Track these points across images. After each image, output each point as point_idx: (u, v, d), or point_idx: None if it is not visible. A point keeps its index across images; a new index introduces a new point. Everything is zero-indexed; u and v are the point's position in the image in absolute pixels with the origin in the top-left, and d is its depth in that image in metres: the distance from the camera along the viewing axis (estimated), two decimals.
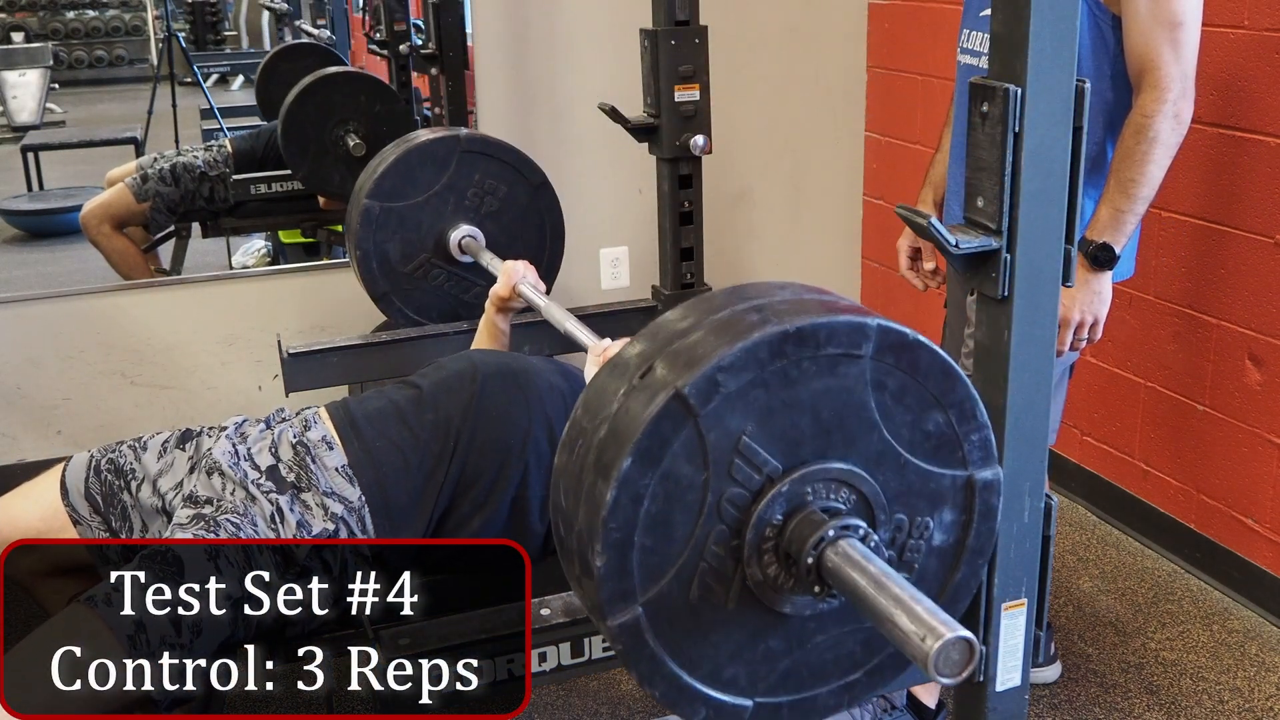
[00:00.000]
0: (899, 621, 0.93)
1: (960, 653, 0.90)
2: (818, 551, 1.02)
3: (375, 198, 2.33)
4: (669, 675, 1.05)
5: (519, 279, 2.07)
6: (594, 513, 0.99)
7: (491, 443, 1.68)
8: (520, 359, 1.89)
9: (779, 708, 1.12)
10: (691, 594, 1.04)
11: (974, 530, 1.15)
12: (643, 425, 0.97)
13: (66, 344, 3.19)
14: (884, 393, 1.05)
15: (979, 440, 1.12)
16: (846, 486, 1.06)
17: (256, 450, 1.70)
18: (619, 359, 1.07)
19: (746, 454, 1.02)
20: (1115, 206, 1.88)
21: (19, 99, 3.74)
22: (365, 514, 1.62)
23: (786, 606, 1.08)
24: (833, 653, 1.13)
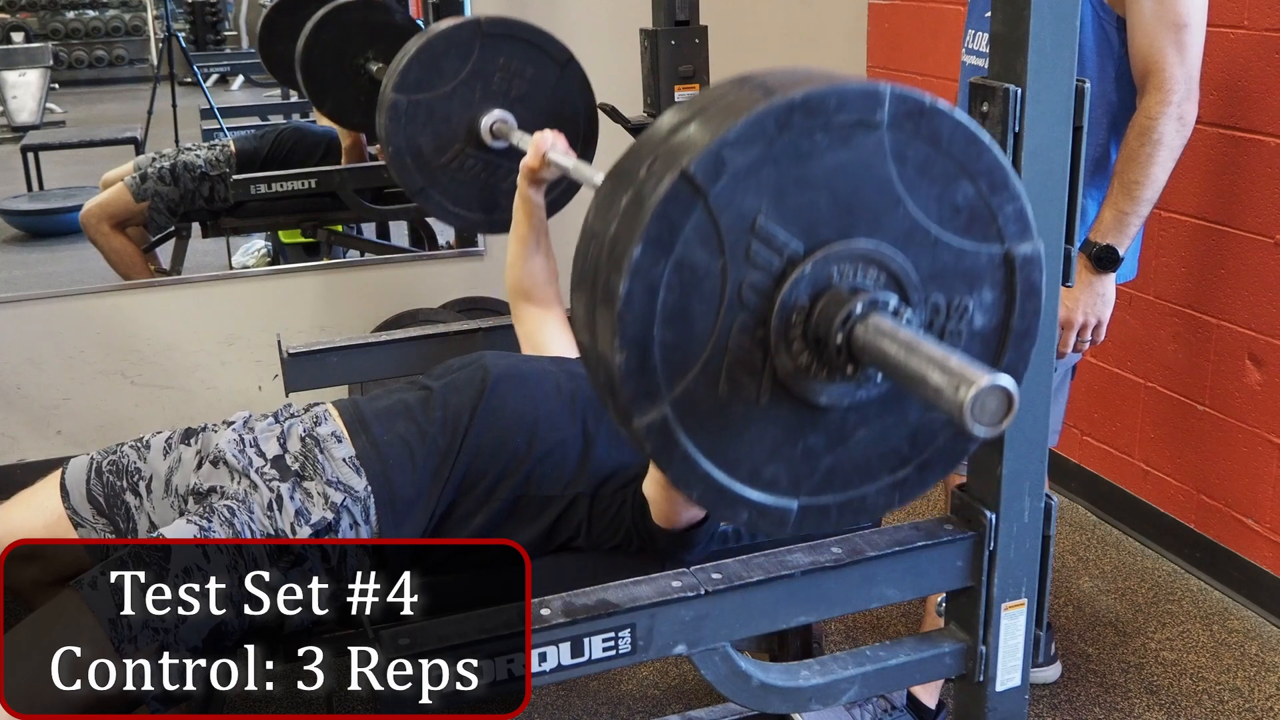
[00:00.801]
0: (931, 378, 0.87)
1: (997, 401, 0.84)
2: (847, 328, 0.96)
3: (402, 91, 2.28)
4: (704, 476, 1.01)
5: (548, 147, 2.04)
6: (610, 308, 0.95)
7: (497, 442, 1.69)
8: (529, 361, 1.89)
9: (827, 508, 1.08)
10: (720, 390, 0.99)
11: (1018, 310, 1.07)
12: (650, 210, 0.93)
13: (66, 344, 3.20)
14: (906, 165, 0.99)
15: (1014, 212, 1.04)
16: (874, 265, 1.00)
17: (264, 440, 1.70)
18: (622, 161, 1.02)
19: (764, 236, 0.97)
20: (1119, 208, 1.88)
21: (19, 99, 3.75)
22: (370, 504, 1.63)
23: (822, 398, 1.02)
24: (878, 448, 1.08)
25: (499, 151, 2.35)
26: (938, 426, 1.09)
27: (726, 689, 1.36)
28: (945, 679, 1.65)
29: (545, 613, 1.28)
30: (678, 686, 2.38)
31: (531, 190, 2.08)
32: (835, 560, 1.35)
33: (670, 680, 2.40)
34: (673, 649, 1.32)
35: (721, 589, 1.31)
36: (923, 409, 1.07)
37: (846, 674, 1.39)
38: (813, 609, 1.37)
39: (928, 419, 1.08)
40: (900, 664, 1.42)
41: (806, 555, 1.36)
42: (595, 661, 1.30)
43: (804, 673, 1.39)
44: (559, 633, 1.27)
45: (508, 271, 2.11)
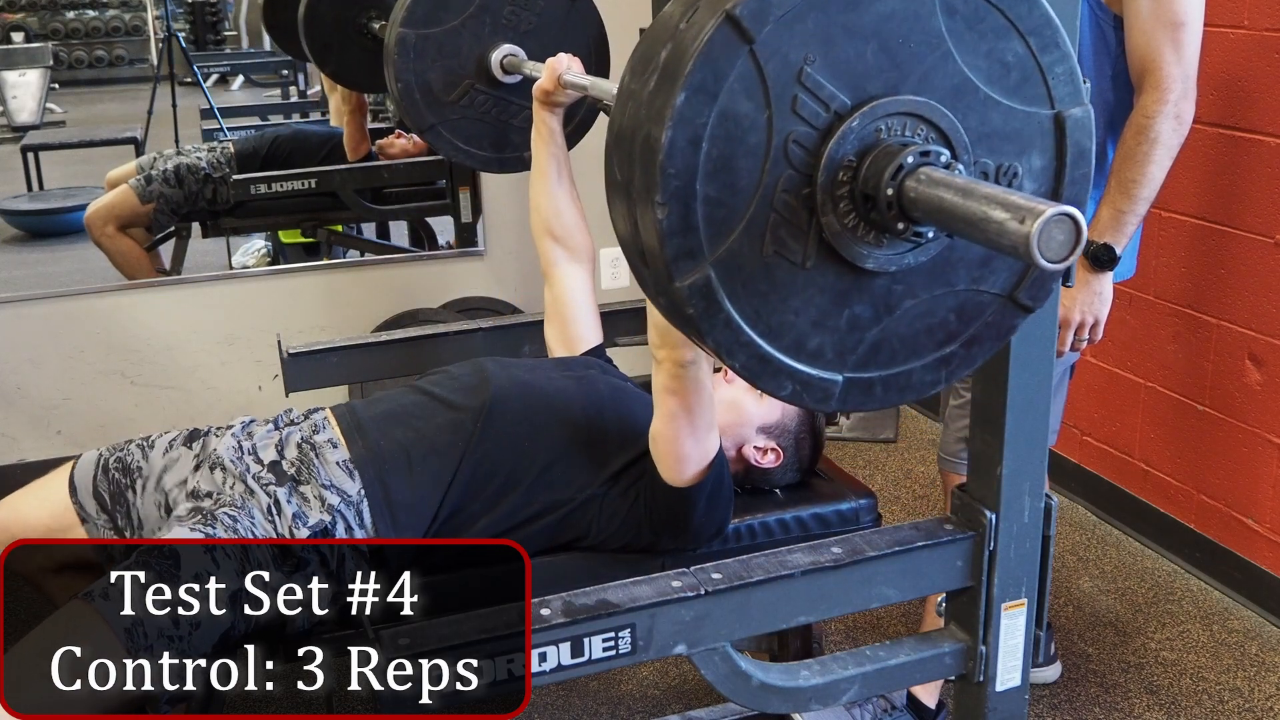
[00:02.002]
0: (993, 215, 0.84)
1: (1065, 231, 0.81)
2: (897, 182, 0.93)
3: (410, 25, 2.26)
4: (748, 343, 0.98)
5: (563, 69, 1.99)
6: (651, 161, 0.92)
7: (504, 448, 1.69)
8: (531, 365, 1.88)
9: (871, 383, 1.04)
10: (765, 250, 0.96)
11: (1068, 176, 1.04)
12: (695, 54, 0.90)
13: (66, 344, 3.20)
14: (955, 17, 0.96)
15: (1064, 72, 1.01)
16: (924, 122, 0.96)
17: (262, 446, 1.70)
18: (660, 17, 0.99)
19: (810, 87, 0.93)
20: (1116, 207, 1.88)
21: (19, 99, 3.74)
22: (364, 508, 1.63)
23: (870, 262, 0.99)
24: (925, 321, 1.05)
25: (510, 88, 2.32)
26: (986, 300, 1.06)
27: (726, 689, 1.36)
28: (945, 679, 1.65)
29: (545, 613, 1.28)
30: (678, 686, 2.38)
31: (548, 115, 2.04)
32: (835, 560, 1.35)
33: (670, 680, 2.40)
34: (673, 649, 1.32)
35: (721, 589, 1.31)
36: (971, 280, 1.04)
37: (846, 674, 1.39)
38: (813, 609, 1.37)
39: (975, 294, 1.05)
40: (900, 664, 1.42)
41: (806, 555, 1.36)
42: (595, 661, 1.30)
43: (804, 673, 1.39)
44: (559, 633, 1.27)
45: (533, 213, 2.06)
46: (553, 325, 2.03)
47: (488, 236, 3.49)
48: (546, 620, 1.27)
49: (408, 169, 3.52)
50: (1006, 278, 1.06)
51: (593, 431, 1.72)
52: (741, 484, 1.88)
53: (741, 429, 1.84)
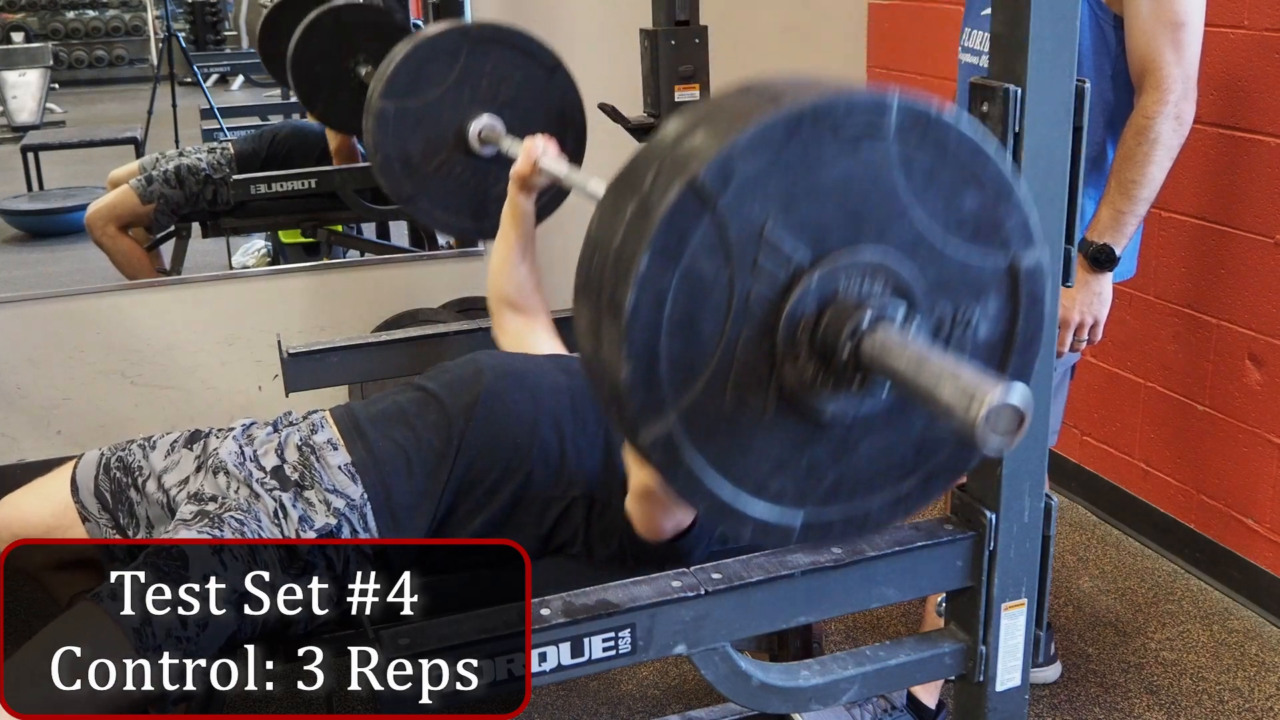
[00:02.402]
0: (943, 394, 0.87)
1: (1010, 416, 0.84)
2: (855, 340, 0.96)
3: (389, 97, 2.28)
4: (710, 490, 1.00)
5: (539, 153, 2.03)
6: (616, 320, 0.94)
7: (496, 442, 1.68)
8: (525, 360, 1.88)
9: (830, 522, 1.07)
10: (727, 402, 0.99)
11: (1022, 320, 1.07)
12: (659, 219, 0.92)
13: (66, 344, 3.20)
14: (912, 174, 0.99)
15: (1019, 223, 1.04)
16: (881, 275, 0.98)
17: (262, 452, 1.70)
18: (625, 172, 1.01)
19: (771, 244, 0.96)
20: (1116, 208, 1.88)
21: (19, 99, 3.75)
22: (367, 511, 1.63)
23: (828, 410, 1.01)
24: (882, 460, 1.07)
25: (488, 157, 2.35)
26: (942, 437, 1.08)
27: (726, 689, 1.36)
28: (945, 679, 1.65)
29: (545, 613, 1.28)
30: (678, 686, 2.38)
31: (521, 197, 2.07)
32: (835, 560, 1.35)
33: (670, 680, 2.40)
34: (673, 649, 1.32)
35: (721, 589, 1.31)
36: (928, 420, 1.07)
37: (846, 674, 1.39)
38: (813, 609, 1.37)
39: (932, 430, 1.08)
40: (900, 664, 1.42)
41: (806, 555, 1.36)
42: (595, 661, 1.30)
43: (804, 673, 1.39)
44: (559, 633, 1.27)
45: (491, 279, 2.09)
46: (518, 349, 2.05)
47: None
48: (546, 620, 1.27)
49: None
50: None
51: (584, 427, 1.72)
52: None
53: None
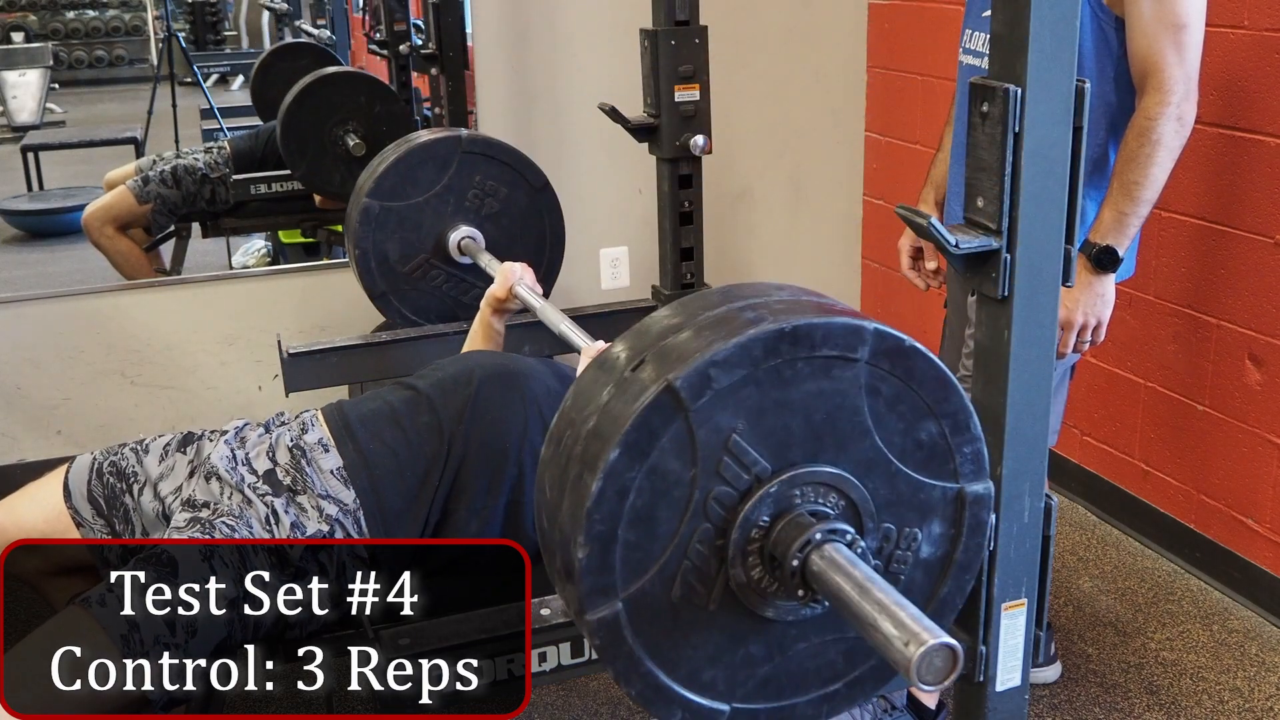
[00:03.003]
0: (882, 627, 0.92)
1: (943, 660, 0.89)
2: (803, 555, 1.01)
3: (375, 196, 2.33)
4: (646, 674, 1.04)
5: (516, 280, 2.08)
6: (578, 504, 0.99)
7: (487, 446, 1.68)
8: (517, 361, 1.88)
9: (756, 715, 1.11)
10: (674, 593, 1.03)
11: (962, 544, 1.14)
12: (632, 417, 0.97)
13: (66, 344, 3.19)
14: (878, 398, 1.04)
15: (971, 453, 1.11)
16: (835, 492, 1.05)
17: (254, 455, 1.70)
18: (608, 354, 1.07)
19: (736, 452, 1.01)
20: (1118, 209, 1.88)
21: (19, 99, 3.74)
22: (360, 516, 1.62)
23: (769, 611, 1.07)
24: (814, 661, 1.12)
25: (464, 267, 2.39)
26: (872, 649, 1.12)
27: None
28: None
29: (545, 613, 1.28)
30: None
31: (494, 319, 2.13)
32: None
33: None
34: None
35: None
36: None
37: None
38: None
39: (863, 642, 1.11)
40: None
41: None
42: (595, 661, 1.30)
43: None
44: (559, 633, 1.28)
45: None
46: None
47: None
48: (546, 620, 1.28)
49: None
50: None
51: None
52: None
53: None
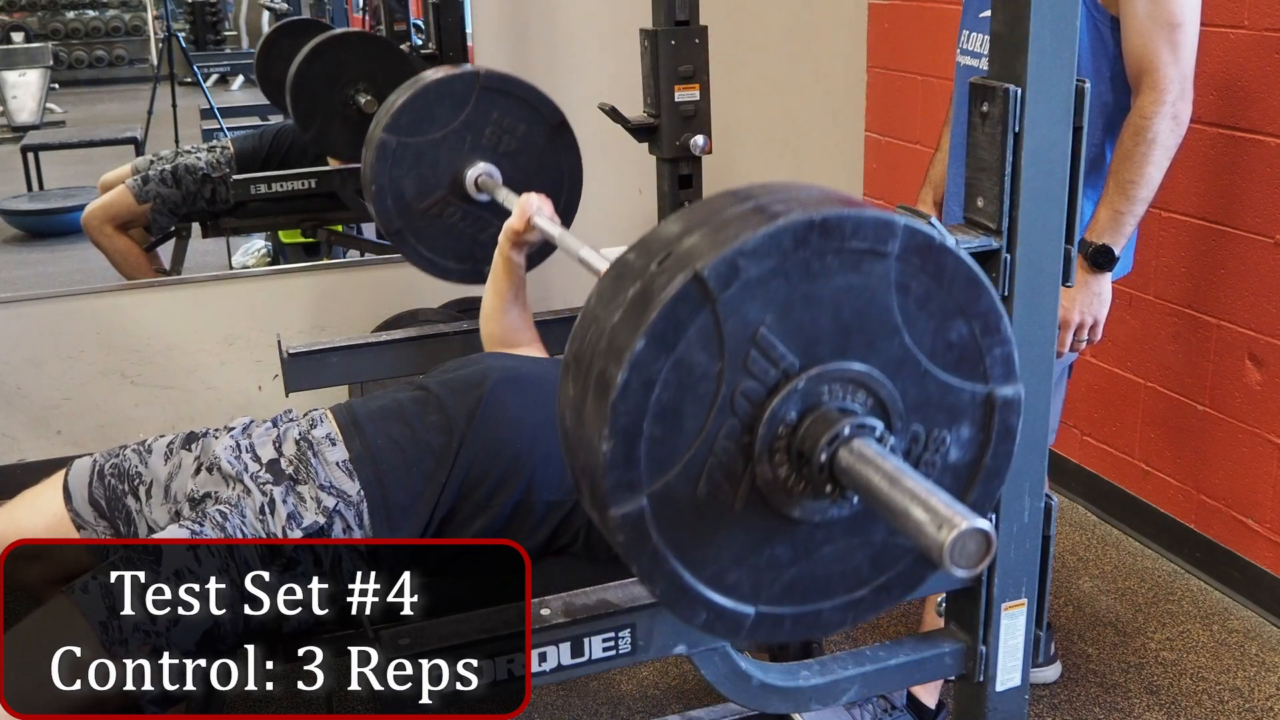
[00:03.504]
0: (914, 514, 0.89)
1: (976, 544, 0.86)
2: (832, 449, 0.98)
3: (392, 132, 2.29)
4: (670, 574, 1.02)
5: (534, 211, 2.04)
6: (603, 398, 0.96)
7: (496, 446, 1.68)
8: (533, 362, 1.88)
9: (781, 619, 1.09)
10: (699, 490, 1.01)
11: (991, 449, 1.10)
12: (658, 307, 0.94)
13: (66, 344, 3.20)
14: (908, 296, 1.02)
15: (1001, 355, 1.07)
16: (864, 389, 1.02)
17: (260, 444, 1.70)
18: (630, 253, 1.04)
19: (764, 346, 0.98)
20: (1114, 208, 1.88)
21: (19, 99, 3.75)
22: (364, 509, 1.62)
23: (796, 511, 1.04)
24: (840, 566, 1.10)
25: (480, 204, 2.36)
26: (900, 552, 1.11)
27: (726, 689, 1.36)
28: (945, 679, 1.65)
29: (545, 613, 1.28)
30: (678, 686, 2.38)
31: (513, 252, 2.10)
32: None
33: (670, 680, 2.40)
34: (673, 649, 1.32)
35: None
36: (889, 533, 1.09)
37: (846, 674, 1.39)
38: None
39: (892, 543, 1.10)
40: (900, 664, 1.42)
41: None
42: (595, 661, 1.30)
43: (804, 673, 1.39)
44: (559, 633, 1.28)
45: (483, 323, 2.11)
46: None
47: None
48: (546, 620, 1.27)
49: None
50: None
51: None
52: None
53: None
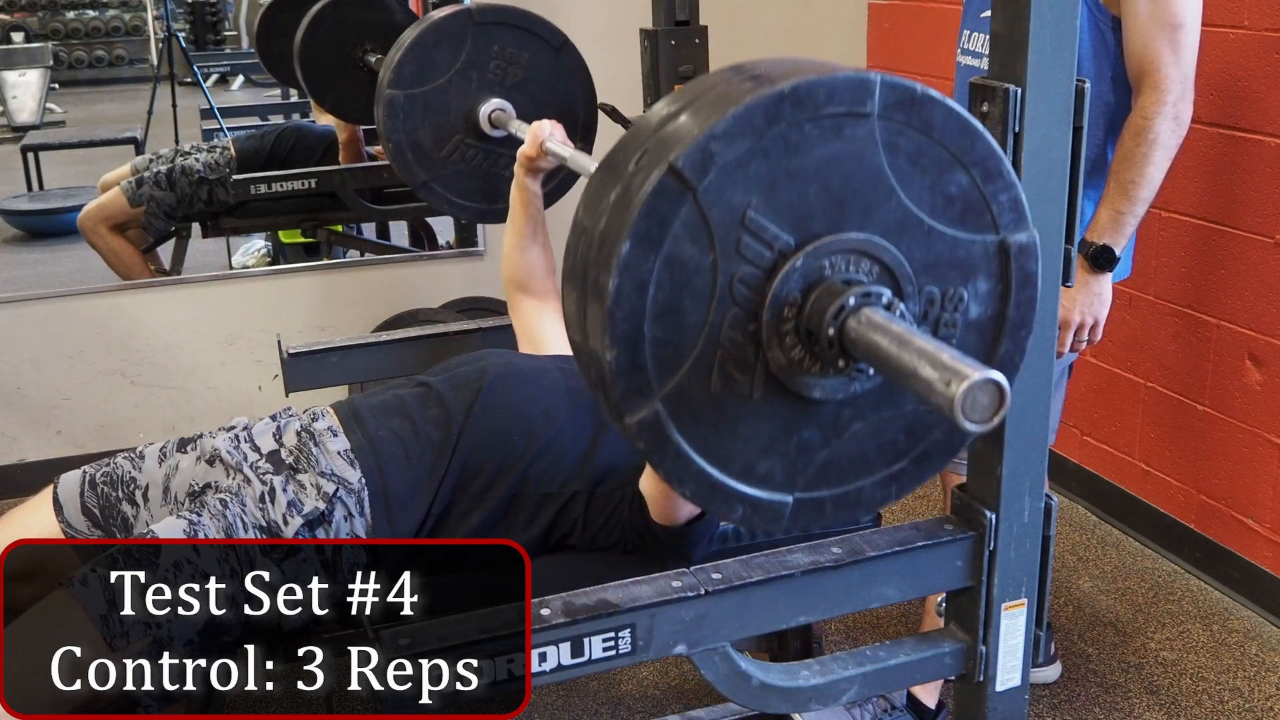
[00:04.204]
0: (922, 372, 0.86)
1: (989, 396, 0.83)
2: (839, 321, 0.96)
3: (397, 86, 2.28)
4: (698, 473, 1.00)
5: (546, 136, 2.03)
6: (600, 305, 0.95)
7: (494, 439, 1.69)
8: (530, 358, 1.88)
9: (821, 503, 1.06)
10: (713, 385, 0.99)
11: (1013, 299, 1.06)
12: (638, 207, 0.92)
13: (66, 344, 3.20)
14: (898, 155, 0.98)
15: (1008, 201, 1.03)
16: (867, 258, 0.99)
17: (260, 436, 1.70)
18: (610, 158, 1.02)
19: (754, 229, 0.96)
20: (1115, 208, 1.88)
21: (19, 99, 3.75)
22: (364, 497, 1.62)
23: (816, 391, 1.01)
24: (873, 441, 1.07)
25: (499, 140, 2.35)
26: (934, 419, 1.08)
27: (726, 689, 1.36)
28: (945, 679, 1.66)
29: (545, 613, 1.28)
30: (678, 686, 2.38)
31: (529, 179, 2.07)
32: (835, 560, 1.35)
33: (670, 680, 2.40)
34: (673, 649, 1.32)
35: (721, 589, 1.31)
36: (918, 402, 1.06)
37: (846, 674, 1.39)
38: (813, 609, 1.37)
39: (923, 411, 1.07)
40: (900, 664, 1.42)
41: (806, 555, 1.36)
42: (595, 661, 1.30)
43: (804, 673, 1.39)
44: (559, 633, 1.27)
45: (504, 263, 2.10)
46: (526, 345, 2.06)
47: (487, 236, 3.50)
48: (546, 620, 1.27)
49: None
50: None
51: (582, 427, 1.72)
52: None
53: None
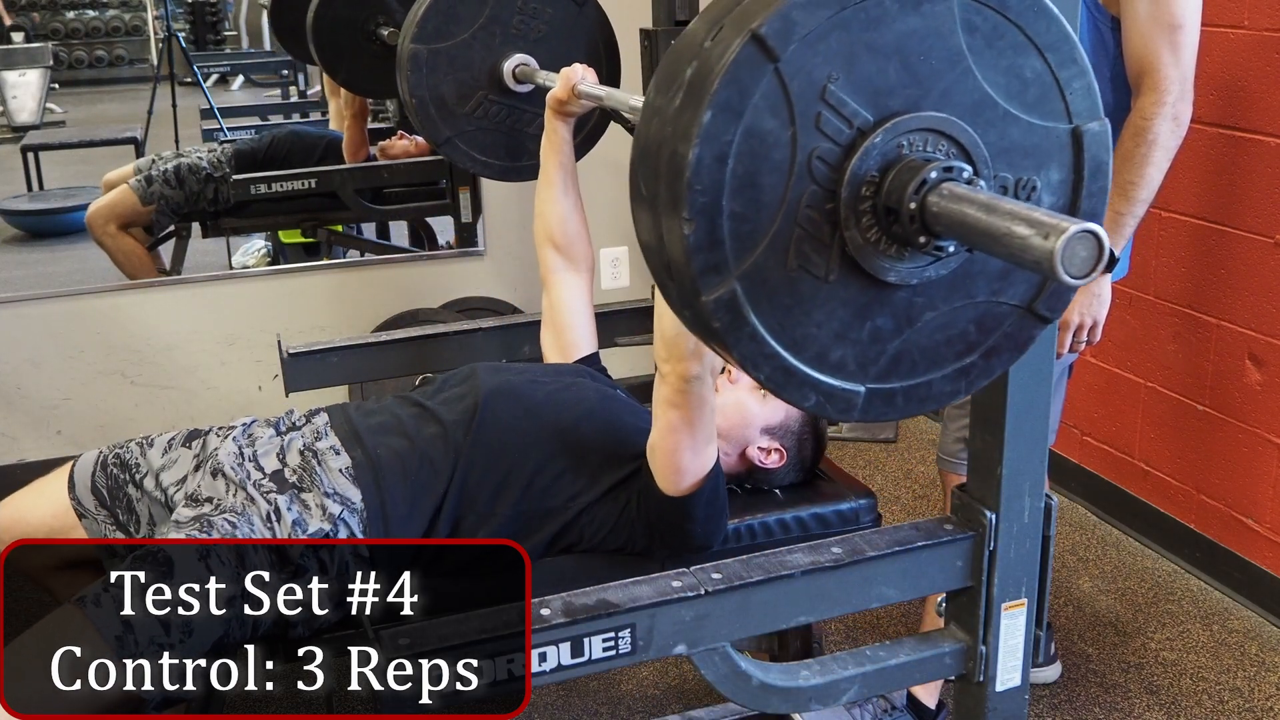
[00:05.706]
0: (1017, 230, 0.85)
1: (1088, 248, 0.82)
2: (920, 196, 0.95)
3: (420, 41, 2.28)
4: (772, 356, 1.00)
5: (578, 79, 2.01)
6: (678, 178, 0.94)
7: (493, 457, 1.68)
8: (522, 369, 1.88)
9: (893, 394, 1.06)
10: (790, 265, 0.98)
11: (1085, 190, 1.05)
12: (720, 74, 0.91)
13: (66, 344, 3.20)
14: (975, 34, 0.98)
15: (1082, 88, 1.03)
16: (945, 138, 0.98)
17: (263, 454, 1.70)
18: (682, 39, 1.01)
19: (834, 104, 0.95)
20: (1114, 209, 1.88)
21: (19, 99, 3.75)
22: (366, 517, 1.63)
23: (891, 275, 1.01)
24: (945, 333, 1.07)
25: (523, 96, 2.34)
26: (1005, 312, 1.08)
27: (726, 689, 1.36)
28: (945, 679, 1.66)
29: (545, 613, 1.28)
30: (678, 686, 2.38)
31: (560, 123, 2.05)
32: (835, 560, 1.35)
33: (670, 680, 2.40)
34: (673, 649, 1.32)
35: (721, 589, 1.31)
36: (991, 292, 1.06)
37: (846, 674, 1.39)
38: (813, 609, 1.37)
39: (994, 305, 1.07)
40: (900, 664, 1.42)
41: (806, 555, 1.36)
42: (595, 661, 1.30)
43: (804, 673, 1.39)
44: (559, 633, 1.28)
45: (537, 220, 2.08)
46: (549, 331, 2.04)
47: (488, 236, 3.50)
48: (546, 620, 1.27)
49: (408, 169, 3.53)
50: (1025, 289, 1.08)
51: (581, 439, 1.72)
52: (742, 484, 1.88)
53: (745, 430, 1.84)
